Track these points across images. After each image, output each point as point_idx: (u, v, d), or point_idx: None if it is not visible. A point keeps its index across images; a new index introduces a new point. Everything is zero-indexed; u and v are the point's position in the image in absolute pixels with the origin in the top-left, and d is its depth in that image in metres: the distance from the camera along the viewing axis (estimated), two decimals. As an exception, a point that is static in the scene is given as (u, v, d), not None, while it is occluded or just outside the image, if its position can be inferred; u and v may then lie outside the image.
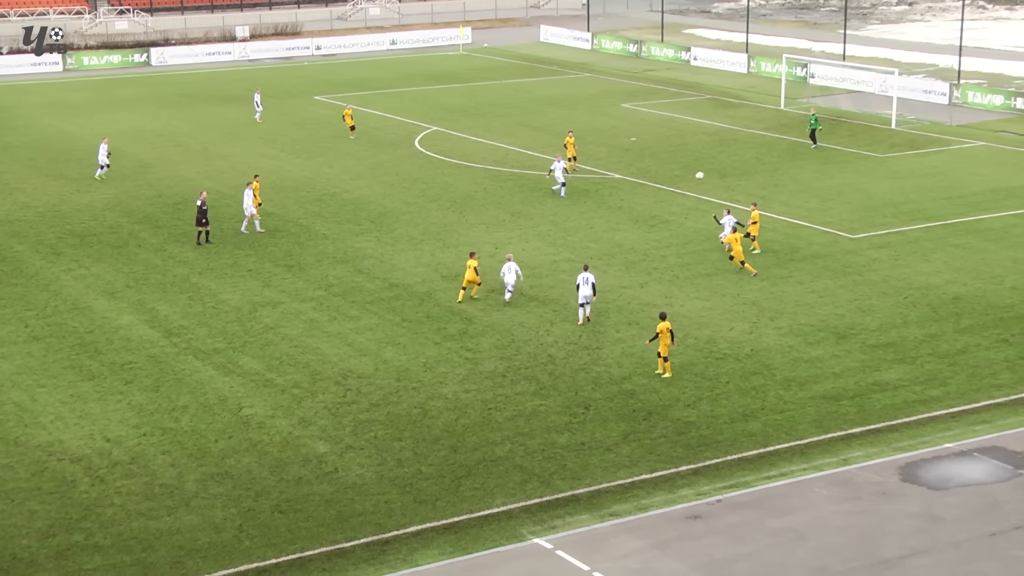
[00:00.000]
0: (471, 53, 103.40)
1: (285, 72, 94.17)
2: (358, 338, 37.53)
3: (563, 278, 42.61)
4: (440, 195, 54.61)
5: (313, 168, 60.15)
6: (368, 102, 77.37)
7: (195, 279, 43.32)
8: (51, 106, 78.56)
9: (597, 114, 74.37)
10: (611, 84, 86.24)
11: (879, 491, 28.01)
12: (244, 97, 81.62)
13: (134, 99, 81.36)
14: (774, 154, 62.71)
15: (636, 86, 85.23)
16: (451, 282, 42.48)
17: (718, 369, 34.93)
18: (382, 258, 45.44)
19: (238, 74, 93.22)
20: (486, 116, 73.95)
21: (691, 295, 41.09)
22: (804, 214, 50.95)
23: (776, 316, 39.06)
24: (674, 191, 54.86)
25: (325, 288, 42.22)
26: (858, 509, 27.23)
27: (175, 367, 35.43)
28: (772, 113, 73.73)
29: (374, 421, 31.80)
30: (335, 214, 51.68)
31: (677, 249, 46.29)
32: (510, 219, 50.62)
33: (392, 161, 61.68)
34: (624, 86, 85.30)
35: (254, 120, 72.59)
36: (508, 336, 37.51)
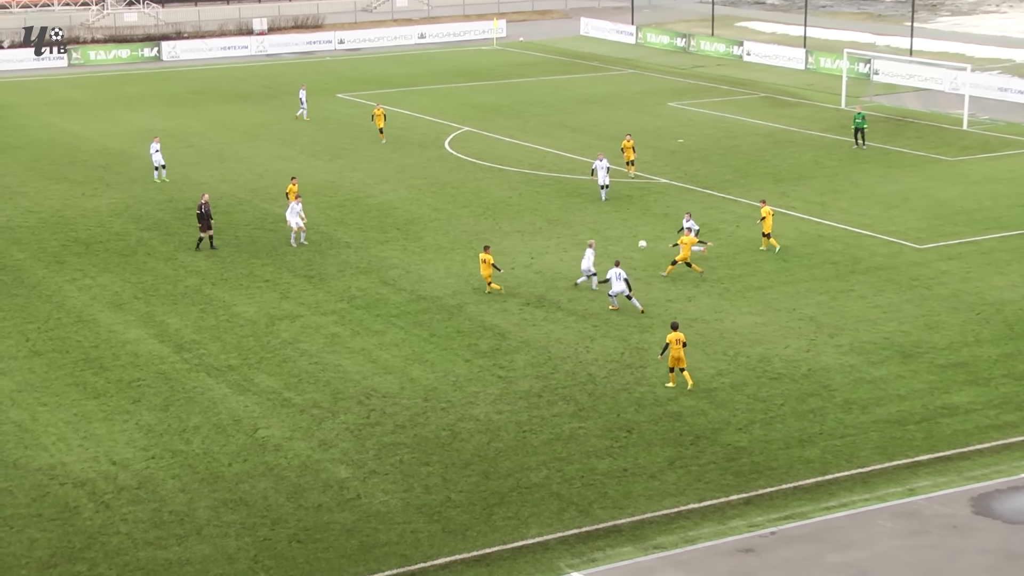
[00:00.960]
0: (505, 48, 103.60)
1: (305, 68, 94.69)
2: (383, 354, 37.62)
3: (601, 292, 42.55)
4: (471, 201, 54.74)
5: (335, 171, 60.42)
6: (395, 100, 77.68)
7: (208, 290, 43.57)
8: (55, 104, 79.31)
9: (642, 114, 74.35)
10: (657, 81, 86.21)
11: (949, 524, 27.79)
12: (261, 95, 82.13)
13: (143, 97, 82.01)
14: (834, 157, 62.50)
15: (684, 83, 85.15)
16: (483, 295, 42.53)
17: (772, 390, 34.80)
18: (409, 268, 45.56)
19: (255, 70, 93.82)
20: (521, 116, 74.06)
21: (743, 309, 40.98)
22: (866, 222, 50.74)
23: (836, 333, 38.89)
24: (724, 197, 54.76)
25: (347, 300, 42.37)
26: (926, 544, 27.02)
27: (186, 385, 35.62)
28: (832, 113, 73.49)
29: (400, 444, 31.86)
30: (358, 221, 51.88)
31: (727, 260, 46.19)
32: (547, 227, 50.66)
33: (420, 164, 61.88)
34: (671, 83, 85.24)
35: (277, 119, 73.02)
36: (544, 353, 37.51)
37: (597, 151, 60.81)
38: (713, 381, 35.39)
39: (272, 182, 58.24)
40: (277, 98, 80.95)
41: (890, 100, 77.44)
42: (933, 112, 73.64)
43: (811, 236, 48.96)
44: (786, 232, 49.29)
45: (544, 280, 44.08)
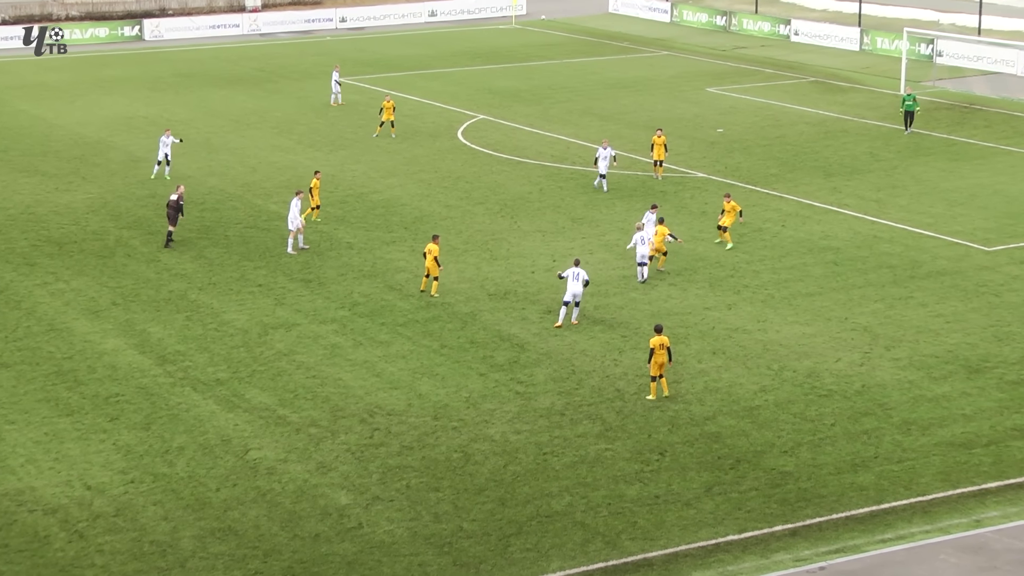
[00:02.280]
0: (525, 27, 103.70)
1: (304, 48, 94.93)
2: (388, 367, 37.69)
3: (634, 297, 42.60)
4: (487, 197, 54.81)
5: (336, 163, 60.56)
6: (403, 85, 77.80)
7: (194, 296, 43.71)
8: (25, 88, 79.67)
9: (678, 100, 74.34)
10: (694, 64, 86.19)
11: (1020, 560, 27.71)
12: (255, 78, 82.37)
13: (124, 80, 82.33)
14: (892, 149, 62.40)
15: (724, 66, 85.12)
16: (500, 301, 42.59)
17: (822, 408, 34.75)
18: (418, 272, 45.64)
19: (247, 51, 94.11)
20: (543, 102, 74.13)
21: (789, 319, 40.94)
22: (928, 222, 50.64)
23: (893, 345, 38.82)
24: (769, 193, 54.72)
25: (349, 307, 42.46)
26: (993, 581, 26.98)
27: (169, 401, 35.73)
28: (889, 99, 73.37)
29: (407, 467, 31.90)
30: (362, 219, 52.00)
31: (772, 263, 46.15)
32: (571, 226, 50.69)
33: (430, 155, 61.99)
34: (710, 66, 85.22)
35: (271, 105, 73.23)
36: (568, 366, 37.53)
37: (631, 142, 60.81)
38: (756, 398, 35.35)
39: (266, 175, 58.40)
40: (272, 82, 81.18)
41: (955, 85, 77.27)
42: (1004, 98, 73.43)
43: (866, 237, 48.89)
44: (839, 232, 49.25)
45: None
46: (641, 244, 44.05)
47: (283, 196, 54.92)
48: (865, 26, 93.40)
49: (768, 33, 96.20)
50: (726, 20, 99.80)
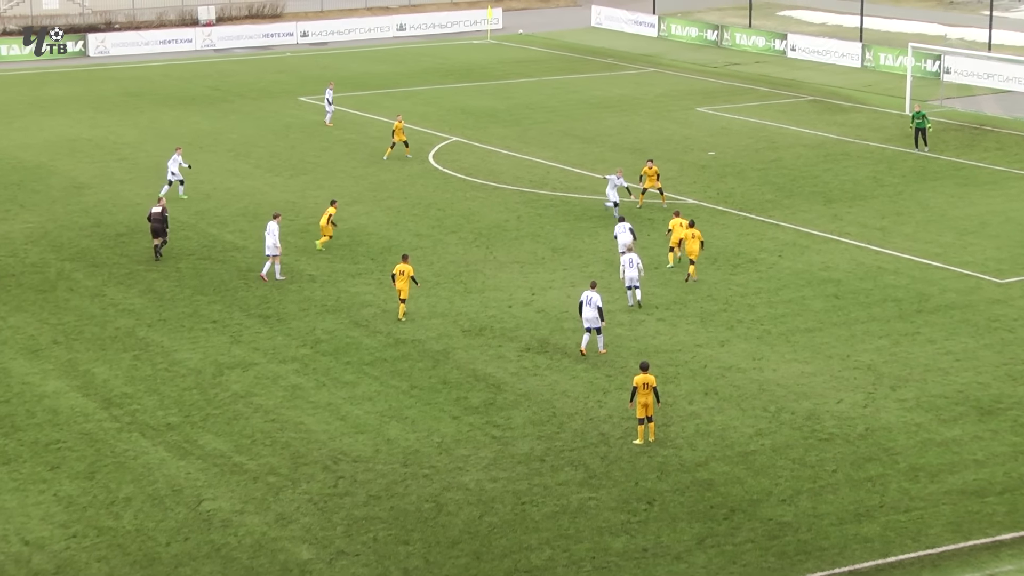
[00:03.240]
0: (501, 42, 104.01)
1: (262, 65, 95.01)
2: (354, 410, 37.63)
3: (620, 333, 42.65)
4: (461, 225, 54.87)
5: (297, 189, 60.57)
6: (369, 104, 77.92)
7: (143, 333, 43.61)
8: (-39, 109, 79.51)
9: (666, 120, 74.59)
10: (683, 82, 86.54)
11: (1036, 616, 27.73)
12: (209, 97, 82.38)
13: (66, 100, 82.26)
14: (896, 173, 62.69)
15: (716, 84, 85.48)
16: (475, 338, 42.61)
17: (822, 454, 34.80)
18: (386, 306, 45.61)
19: (201, 68, 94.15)
20: (521, 123, 74.31)
21: (786, 356, 41.03)
22: (936, 252, 50.85)
23: (899, 385, 38.92)
24: (765, 221, 54.89)
25: (311, 345, 42.40)
26: (1008, 639, 26.99)
27: (116, 448, 35.60)
28: (894, 120, 73.77)
29: (374, 519, 31.83)
30: (325, 248, 51.97)
31: (768, 296, 46.27)
32: (551, 256, 50.77)
33: (399, 181, 62.06)
34: (700, 84, 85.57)
35: (227, 126, 73.23)
36: (548, 408, 37.52)
37: (615, 166, 60.98)
38: (751, 443, 35.40)
39: (221, 202, 58.38)
40: (227, 101, 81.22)
41: (964, 104, 77.73)
42: (1016, 119, 73.86)
43: (869, 268, 49.08)
44: (840, 263, 49.44)
45: (548, 320, 44.14)
46: (629, 267, 44.67)
47: (239, 225, 54.91)
48: (867, 41, 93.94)
49: (763, 48, 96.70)
50: (718, 34, 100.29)
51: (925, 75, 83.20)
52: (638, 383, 35.12)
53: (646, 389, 35.00)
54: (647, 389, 35.00)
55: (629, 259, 44.82)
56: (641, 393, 35.04)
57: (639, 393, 35.07)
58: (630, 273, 44.72)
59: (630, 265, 44.68)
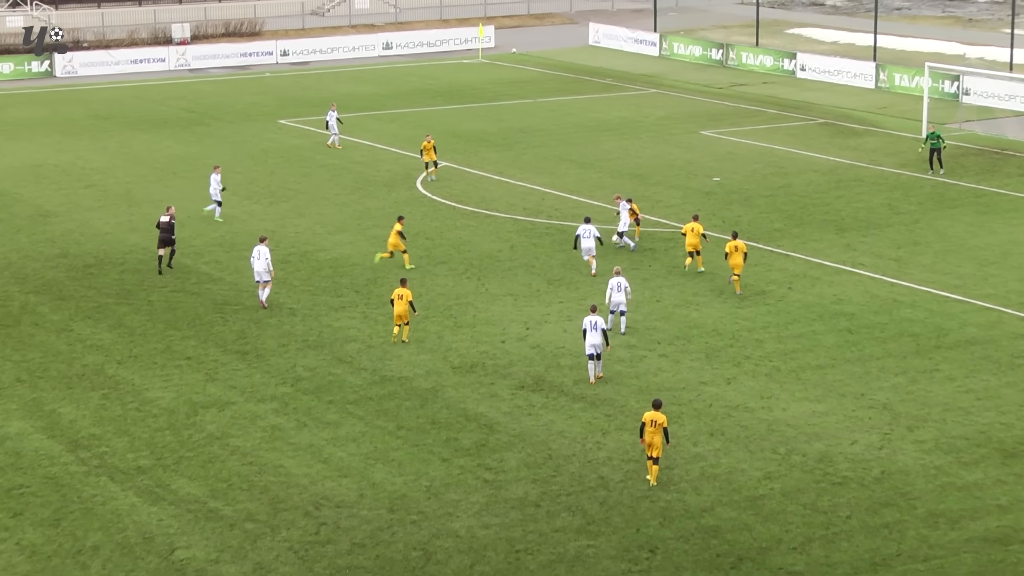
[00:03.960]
0: (493, 61, 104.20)
1: (239, 86, 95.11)
2: (337, 452, 37.57)
3: (619, 370, 42.62)
4: (451, 255, 54.87)
5: (277, 217, 60.58)
6: (353, 128, 78.02)
7: (112, 370, 43.54)
8: (-81, 132, 79.55)
9: (668, 144, 74.70)
10: (687, 103, 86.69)
11: (1063, 671, 27.65)
12: (183, 120, 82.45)
13: (31, 123, 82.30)
14: (913, 200, 62.77)
15: (721, 106, 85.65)
16: (466, 375, 42.57)
17: (836, 498, 34.76)
18: (371, 342, 45.58)
19: (174, 89, 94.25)
20: (514, 147, 74.41)
21: (797, 395, 41.00)
22: (955, 283, 50.89)
23: (917, 425, 38.90)
24: (773, 251, 54.94)
25: (292, 383, 42.35)
26: None
27: (83, 493, 35.50)
28: (909, 144, 73.91)
29: (358, 568, 31.74)
30: (306, 281, 51.97)
31: (777, 331, 46.28)
32: (547, 289, 50.78)
33: (385, 208, 62.07)
34: (705, 106, 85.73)
35: (202, 151, 73.28)
36: (544, 450, 37.48)
37: (614, 192, 61.03)
38: (760, 487, 35.36)
39: (195, 231, 58.37)
40: (203, 124, 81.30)
41: (985, 127, 77.89)
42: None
43: (884, 301, 49.11)
44: (853, 296, 49.48)
45: (543, 356, 44.12)
46: (617, 291, 45.42)
47: (215, 255, 54.89)
48: (881, 60, 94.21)
49: (771, 68, 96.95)
50: (723, 53, 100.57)
51: (943, 96, 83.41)
52: (646, 420, 35.15)
53: (654, 427, 34.97)
54: (655, 427, 34.96)
55: (617, 283, 45.53)
56: (648, 431, 35.01)
57: (646, 431, 35.06)
58: (616, 297, 45.54)
59: (618, 289, 45.49)
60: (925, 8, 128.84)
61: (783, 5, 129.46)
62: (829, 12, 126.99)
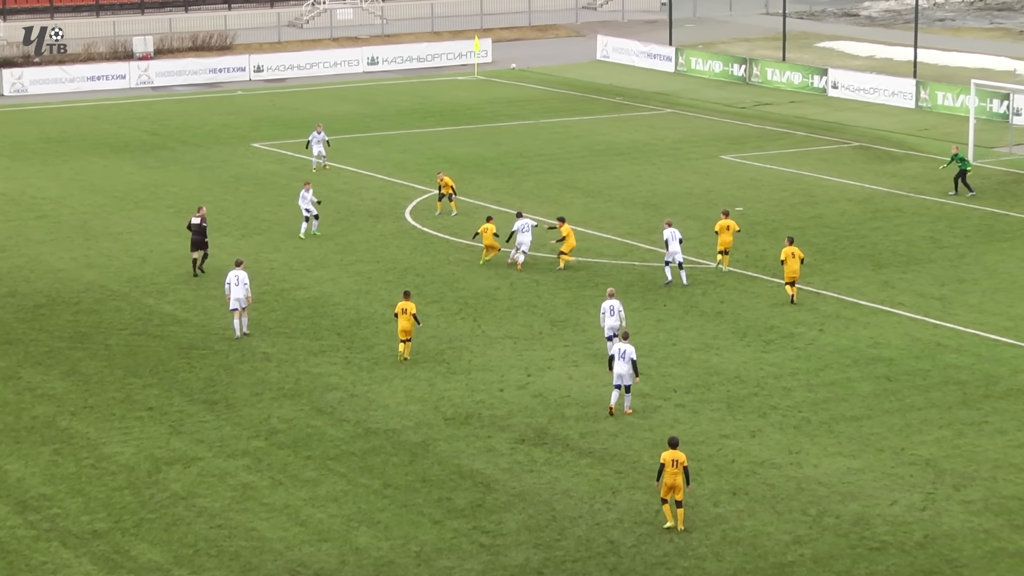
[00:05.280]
0: (490, 78, 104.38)
1: (208, 106, 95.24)
2: (316, 514, 37.52)
3: (631, 422, 42.59)
4: (444, 293, 54.87)
5: (251, 251, 60.58)
6: (334, 152, 78.04)
7: (65, 423, 43.48)
8: None
9: (685, 170, 74.76)
10: (705, 125, 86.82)
11: None
12: (146, 144, 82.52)
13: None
14: (958, 232, 62.79)
15: (744, 128, 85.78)
16: (460, 427, 42.52)
17: (874, 565, 34.69)
18: (354, 390, 45.54)
19: (136, 109, 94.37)
20: (514, 174, 74.50)
21: (829, 449, 40.94)
22: (1006, 326, 50.88)
23: (964, 483, 38.84)
24: (803, 288, 54.94)
25: (266, 436, 42.29)
26: None
27: (31, 560, 35.42)
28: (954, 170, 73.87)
29: (339, 644, 31.64)
30: (282, 322, 51.97)
31: (807, 378, 46.23)
32: (550, 330, 50.76)
33: (370, 241, 62.09)
34: (726, 128, 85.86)
35: (167, 178, 73.32)
36: (547, 511, 37.43)
37: (624, 224, 61.04)
38: (788, 552, 35.30)
39: (159, 267, 58.39)
40: (168, 148, 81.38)
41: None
42: (1098, 168, 74.16)
43: (927, 345, 49.09)
44: (892, 339, 49.47)
45: (546, 406, 44.08)
46: (610, 315, 46.78)
47: (180, 294, 54.89)
48: (922, 77, 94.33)
49: (799, 86, 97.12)
50: (746, 69, 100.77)
51: (991, 117, 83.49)
52: (666, 460, 35.36)
53: (675, 468, 35.10)
54: (676, 468, 35.11)
55: (610, 306, 46.91)
56: (669, 472, 35.14)
57: (666, 472, 35.21)
58: (610, 322, 46.76)
59: (610, 313, 46.77)
60: (971, 19, 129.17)
61: (813, 16, 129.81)
62: (864, 24, 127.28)
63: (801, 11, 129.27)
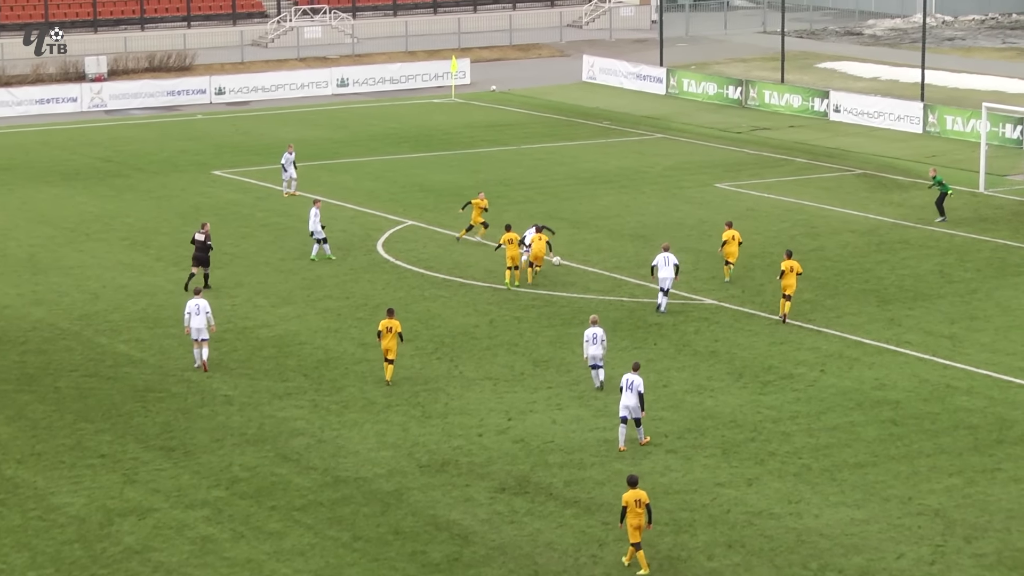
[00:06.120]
0: (469, 101, 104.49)
1: (166, 130, 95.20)
2: (281, 568, 37.43)
3: (619, 469, 42.54)
4: (418, 331, 54.84)
5: (211, 287, 60.52)
6: (302, 180, 78.00)
7: (11, 471, 43.33)
8: None
9: (676, 200, 74.84)
10: (699, 151, 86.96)
11: None
12: (99, 172, 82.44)
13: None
14: (969, 266, 62.87)
15: (740, 154, 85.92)
16: (435, 475, 42.47)
17: (879, 623, 34.70)
18: (322, 435, 45.47)
19: (89, 134, 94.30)
20: (494, 203, 74.45)
21: (832, 498, 40.94)
22: (1021, 366, 50.90)
23: (976, 535, 38.85)
24: (803, 326, 54.97)
25: (227, 485, 42.20)
26: None
27: (-25, 616, 35.34)
28: (965, 199, 74.13)
29: None
30: (245, 362, 51.89)
31: (808, 422, 46.25)
32: (533, 371, 50.73)
33: (339, 275, 62.04)
34: (720, 154, 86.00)
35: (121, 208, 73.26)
36: (529, 565, 37.37)
37: (611, 257, 61.11)
38: (788, 609, 35.29)
39: (112, 304, 58.30)
40: (122, 176, 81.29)
41: (1052, 179, 78.31)
42: (1118, 198, 74.37)
43: (936, 387, 49.12)
44: (898, 380, 49.50)
45: (528, 453, 44.05)
46: (592, 343, 47.87)
47: (135, 332, 54.80)
48: (930, 100, 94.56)
49: (799, 109, 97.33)
50: (742, 92, 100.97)
51: (1004, 143, 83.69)
52: (628, 501, 35.74)
53: (639, 507, 35.26)
54: (640, 507, 35.26)
55: (593, 334, 47.93)
56: (633, 513, 35.33)
57: (630, 513, 35.60)
58: (593, 350, 47.90)
59: (593, 341, 47.84)
60: (982, 39, 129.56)
61: (813, 35, 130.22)
62: (868, 43, 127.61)
63: (801, 30, 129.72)
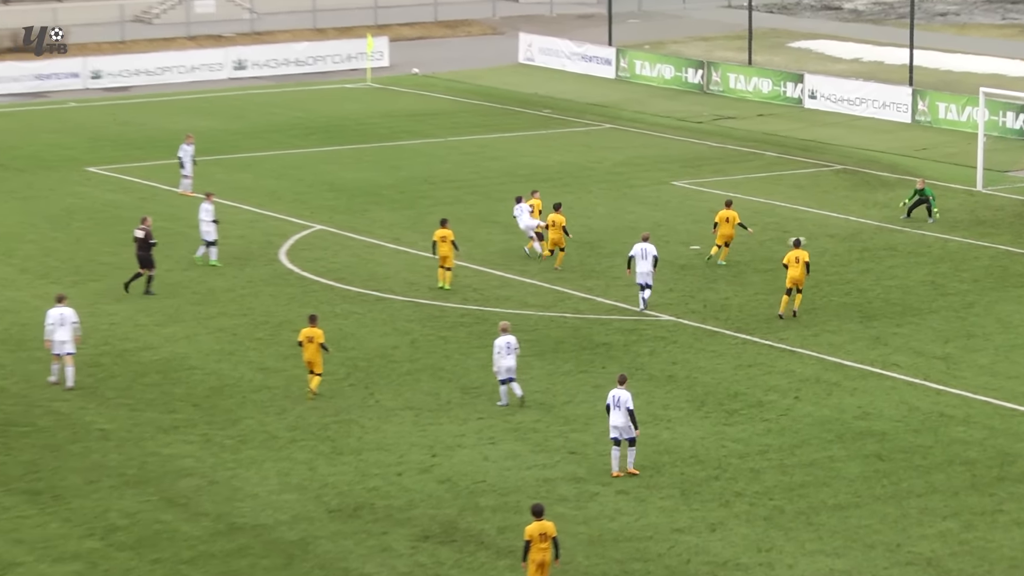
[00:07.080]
0: (387, 86, 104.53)
1: (33, 121, 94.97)
2: (165, 632, 37.28)
3: (562, 513, 42.48)
4: (328, 354, 54.69)
5: (84, 303, 60.19)
6: (196, 177, 77.80)
7: None
8: None
9: (627, 199, 74.96)
10: (654, 143, 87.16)
11: None
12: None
13: None
14: (965, 276, 63.09)
15: (701, 148, 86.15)
16: (347, 521, 42.34)
17: None
18: (214, 476, 45.31)
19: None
20: (416, 204, 74.48)
21: (808, 546, 40.98)
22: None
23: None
24: (774, 346, 55.06)
25: (103, 535, 41.98)
26: None
27: None
28: (961, 199, 74.48)
29: None
30: (124, 391, 51.67)
31: (780, 457, 46.30)
32: (461, 400, 50.67)
33: (236, 289, 61.89)
34: (678, 147, 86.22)
35: (2, 210, 73.14)
36: (456, 627, 37.31)
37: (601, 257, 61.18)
38: (758, 675, 35.30)
39: (-30, 323, 58.05)
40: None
41: (1059, 175, 78.81)
42: None
43: (927, 415, 49.26)
44: (885, 408, 49.62)
45: (456, 495, 43.97)
46: (507, 353, 48.87)
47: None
48: (919, 85, 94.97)
49: (769, 95, 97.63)
50: (703, 75, 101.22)
51: (1004, 134, 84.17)
52: (532, 534, 35.83)
53: (543, 542, 35.13)
54: (545, 542, 35.14)
55: (506, 343, 49.20)
56: (537, 548, 35.46)
57: (534, 548, 35.75)
58: (506, 362, 49.22)
59: (507, 351, 49.14)
60: (979, 14, 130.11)
61: (785, 9, 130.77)
62: (848, 19, 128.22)
63: (771, 3, 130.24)
